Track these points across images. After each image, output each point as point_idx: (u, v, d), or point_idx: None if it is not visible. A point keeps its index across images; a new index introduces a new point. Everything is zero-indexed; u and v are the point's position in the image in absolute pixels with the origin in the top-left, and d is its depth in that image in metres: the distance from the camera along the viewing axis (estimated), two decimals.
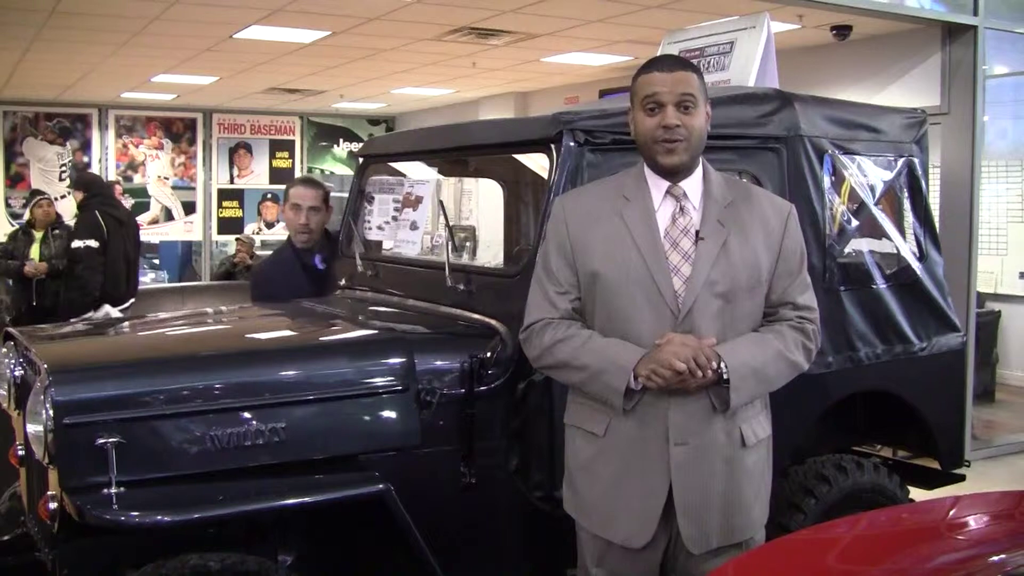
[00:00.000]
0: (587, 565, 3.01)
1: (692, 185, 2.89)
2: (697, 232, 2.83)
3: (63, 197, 13.57)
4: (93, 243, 8.07)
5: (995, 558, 2.38)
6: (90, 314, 7.49)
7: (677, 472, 2.80)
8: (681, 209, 2.86)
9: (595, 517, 2.94)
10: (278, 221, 16.24)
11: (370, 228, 4.56)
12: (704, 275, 2.79)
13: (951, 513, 2.84)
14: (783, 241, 2.92)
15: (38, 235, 9.04)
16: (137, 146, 15.34)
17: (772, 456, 3.05)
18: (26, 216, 9.71)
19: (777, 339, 2.85)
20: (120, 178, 14.60)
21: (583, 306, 2.92)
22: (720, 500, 2.83)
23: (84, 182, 8.69)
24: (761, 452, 2.95)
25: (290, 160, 16.43)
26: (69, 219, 9.80)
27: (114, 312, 7.50)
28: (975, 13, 7.64)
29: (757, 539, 2.95)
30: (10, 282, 9.03)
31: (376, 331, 3.93)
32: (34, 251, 9.00)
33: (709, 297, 2.79)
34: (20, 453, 3.66)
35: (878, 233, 4.42)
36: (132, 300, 8.33)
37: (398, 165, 4.78)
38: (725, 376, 2.74)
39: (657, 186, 2.88)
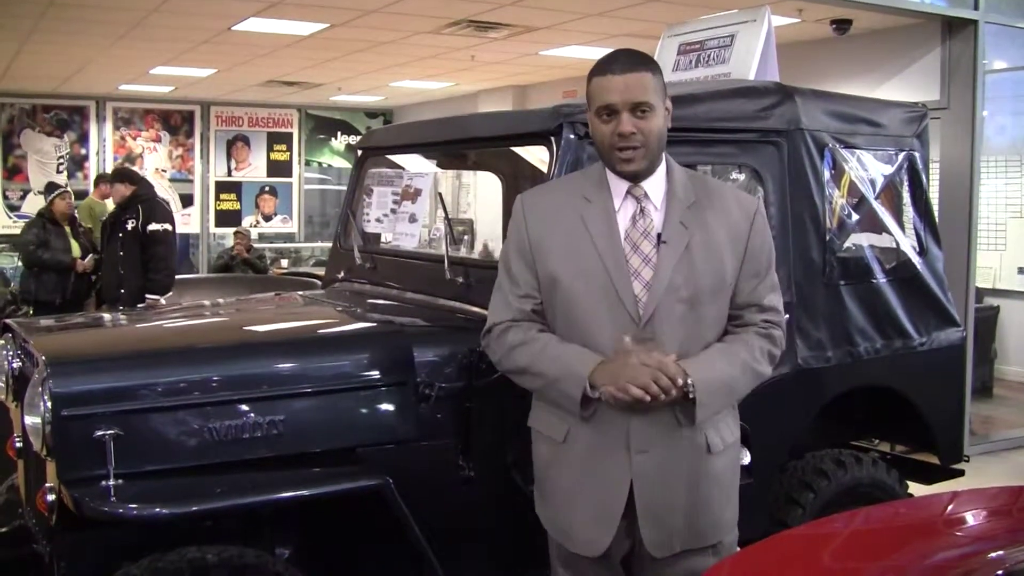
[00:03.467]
0: (556, 566, 2.97)
1: (654, 185, 2.77)
2: (659, 235, 2.72)
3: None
4: (169, 227, 8.34)
5: (993, 554, 2.38)
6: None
7: (638, 480, 2.71)
8: (642, 210, 2.75)
9: (556, 523, 2.89)
10: (275, 214, 16.24)
11: (368, 221, 4.55)
12: (666, 280, 2.68)
13: (949, 509, 2.84)
14: (749, 241, 2.79)
15: (68, 230, 9.13)
16: (135, 138, 15.34)
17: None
18: (36, 204, 9.78)
19: (744, 349, 2.75)
20: None
21: (544, 308, 2.83)
22: (685, 505, 2.75)
23: (130, 175, 8.79)
24: (730, 455, 2.87)
25: (288, 153, 16.43)
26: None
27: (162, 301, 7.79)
28: (975, 8, 7.63)
29: (727, 541, 2.86)
30: (35, 272, 9.09)
31: (374, 324, 3.93)
32: (75, 248, 9.15)
33: (672, 302, 2.68)
34: (18, 445, 3.64)
35: (878, 227, 4.41)
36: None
37: (397, 158, 4.77)
38: (692, 394, 2.62)
39: (617, 187, 2.77)
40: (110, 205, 11.07)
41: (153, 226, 8.20)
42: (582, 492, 2.79)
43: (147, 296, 8.11)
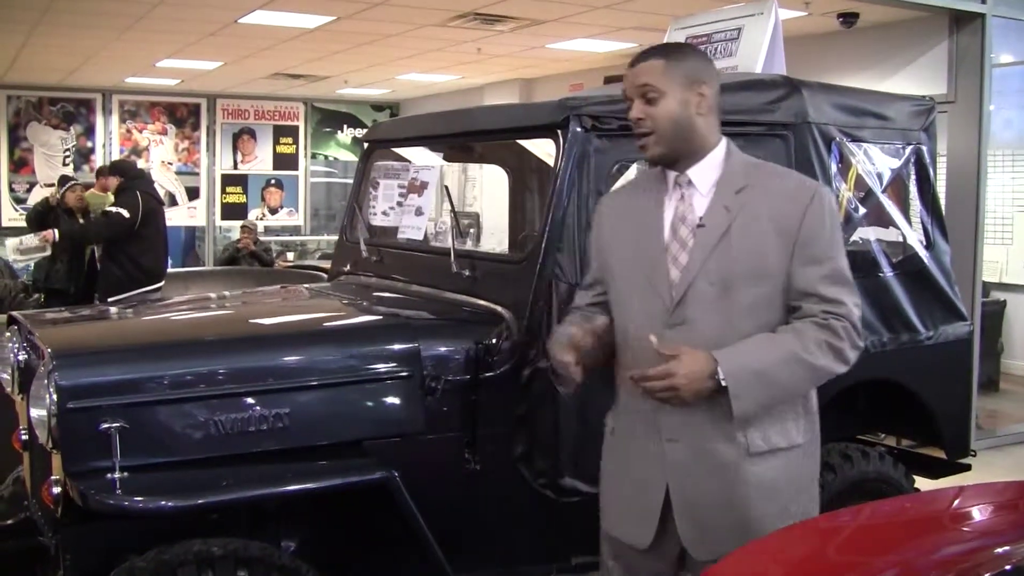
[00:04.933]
0: (606, 559, 2.96)
1: (701, 171, 2.76)
2: (700, 220, 2.73)
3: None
4: (125, 212, 8.19)
5: (1000, 549, 2.37)
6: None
7: (671, 470, 2.71)
8: (682, 197, 2.76)
9: (606, 514, 2.91)
10: (281, 207, 16.25)
11: (375, 214, 4.55)
12: (699, 264, 2.67)
13: (956, 503, 2.82)
14: (802, 227, 2.67)
15: (82, 220, 9.22)
16: (141, 131, 15.34)
17: (815, 470, 2.86)
18: (41, 196, 9.85)
19: (794, 339, 2.63)
20: None
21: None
22: (720, 504, 2.69)
23: (121, 167, 8.82)
24: (781, 462, 2.72)
25: (294, 146, 16.42)
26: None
27: None
28: (982, 1, 7.60)
29: None
30: (50, 261, 9.16)
31: (381, 317, 3.93)
32: None
33: (704, 286, 2.66)
34: (24, 438, 3.66)
35: (885, 221, 4.40)
36: (163, 282, 8.44)
37: (403, 151, 4.77)
38: (723, 383, 2.56)
39: (669, 177, 2.80)
40: (111, 198, 11.14)
41: (112, 209, 8.26)
42: (626, 482, 2.83)
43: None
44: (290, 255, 15.03)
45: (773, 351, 2.62)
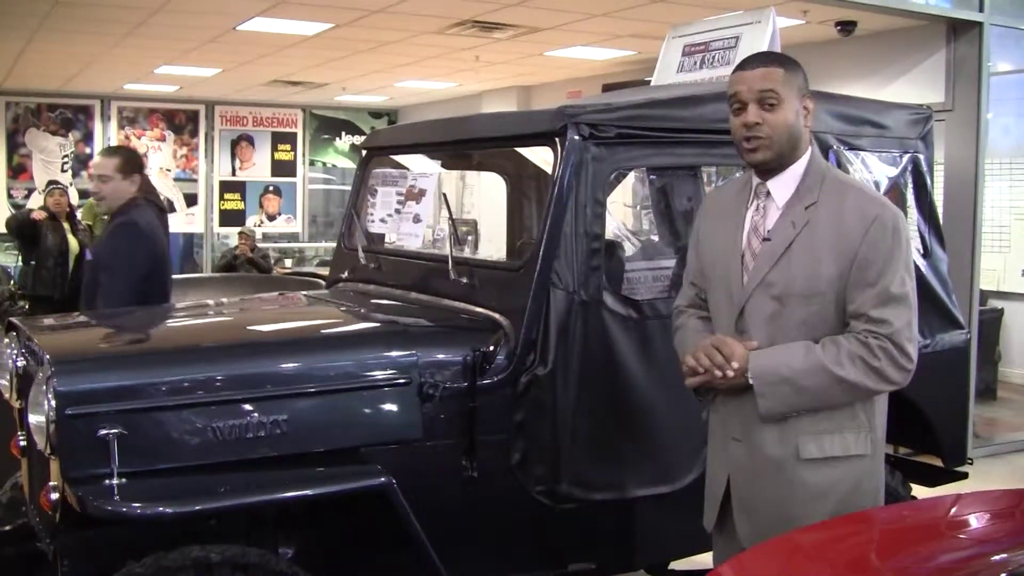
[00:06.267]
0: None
1: (781, 183, 2.82)
2: (767, 233, 2.81)
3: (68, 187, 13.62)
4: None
5: (997, 557, 2.38)
6: None
7: (732, 467, 2.89)
8: (758, 208, 2.85)
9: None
10: (279, 213, 16.25)
11: (373, 221, 4.55)
12: (760, 276, 2.78)
13: (953, 511, 2.83)
14: (860, 249, 2.70)
15: (67, 225, 9.17)
16: (139, 137, 15.35)
17: (877, 482, 2.89)
18: (38, 202, 9.83)
19: (827, 350, 2.70)
20: None
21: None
22: (772, 504, 2.79)
23: None
24: (836, 472, 2.78)
25: (292, 153, 16.44)
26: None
27: None
28: (980, 9, 7.62)
29: None
30: (34, 267, 9.13)
31: (379, 324, 3.93)
32: (73, 243, 9.16)
33: (764, 299, 2.77)
34: (22, 443, 3.65)
35: None
36: None
37: (401, 158, 4.77)
38: (750, 380, 2.73)
39: (752, 183, 2.89)
40: None
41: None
42: (709, 469, 3.06)
43: None
44: (288, 262, 15.04)
45: (804, 358, 2.71)
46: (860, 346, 2.69)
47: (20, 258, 9.53)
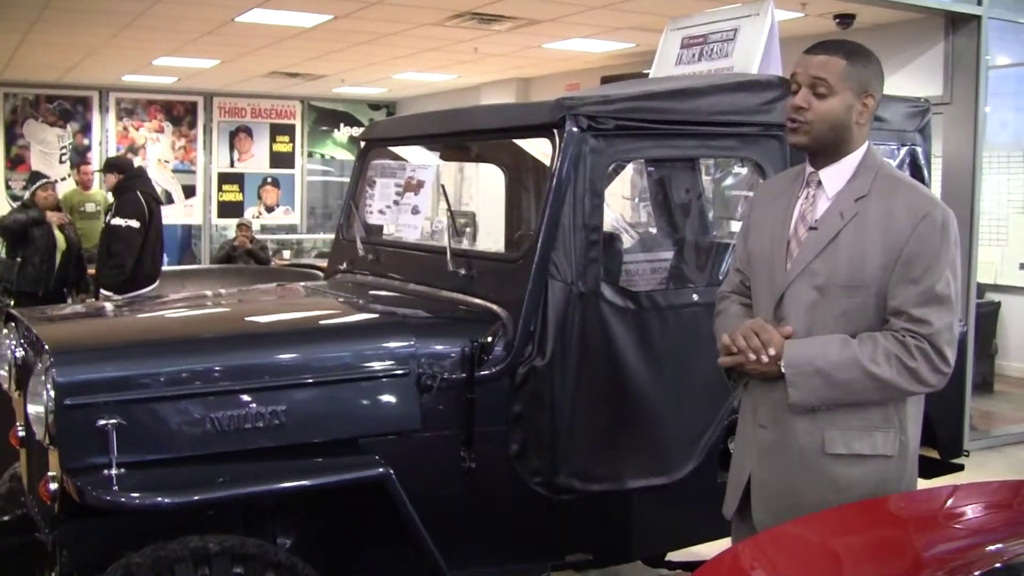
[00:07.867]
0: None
1: (833, 174, 2.80)
2: (815, 222, 2.79)
3: (63, 179, 13.59)
4: (135, 223, 7.90)
5: (992, 547, 2.38)
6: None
7: (757, 453, 2.86)
8: (807, 196, 2.84)
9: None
10: (278, 205, 16.24)
11: (371, 212, 4.55)
12: (803, 264, 2.75)
13: (949, 502, 2.84)
14: (907, 245, 2.67)
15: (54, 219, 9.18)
16: (138, 129, 15.33)
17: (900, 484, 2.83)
18: (26, 196, 9.82)
19: (864, 346, 2.66)
20: None
21: None
22: (793, 494, 2.76)
23: (119, 164, 8.62)
24: (862, 470, 2.75)
25: (291, 144, 16.41)
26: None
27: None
28: (979, 3, 7.62)
29: None
30: (19, 262, 9.10)
31: (377, 315, 3.93)
32: (60, 239, 9.15)
33: (805, 288, 2.74)
34: (21, 434, 3.66)
35: None
36: (156, 283, 8.33)
37: (399, 150, 4.77)
38: (783, 369, 2.69)
39: (806, 170, 2.87)
40: (99, 196, 11.12)
41: (116, 220, 7.97)
42: (735, 454, 3.04)
43: (100, 291, 7.98)
44: (286, 253, 15.03)
45: (839, 352, 2.67)
46: (897, 345, 2.65)
47: (4, 251, 9.42)
